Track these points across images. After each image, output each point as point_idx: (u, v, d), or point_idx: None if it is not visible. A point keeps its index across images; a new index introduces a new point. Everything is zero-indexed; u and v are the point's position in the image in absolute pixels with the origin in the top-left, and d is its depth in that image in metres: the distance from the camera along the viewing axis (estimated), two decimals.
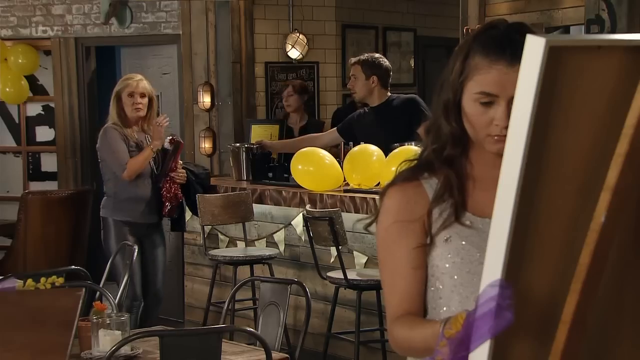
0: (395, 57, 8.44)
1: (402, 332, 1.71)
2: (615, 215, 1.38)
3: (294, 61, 7.45)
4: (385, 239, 1.78)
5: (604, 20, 5.51)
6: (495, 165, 1.78)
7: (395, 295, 1.75)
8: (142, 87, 5.08)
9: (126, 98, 5.04)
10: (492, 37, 1.71)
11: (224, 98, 6.93)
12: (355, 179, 4.90)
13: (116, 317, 3.07)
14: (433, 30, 8.49)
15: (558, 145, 1.38)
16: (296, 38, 7.45)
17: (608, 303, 1.47)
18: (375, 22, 8.13)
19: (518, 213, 1.36)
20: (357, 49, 7.86)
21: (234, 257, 4.98)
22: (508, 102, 1.68)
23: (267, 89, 7.38)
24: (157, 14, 7.30)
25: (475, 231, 1.74)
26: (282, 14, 7.46)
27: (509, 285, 1.37)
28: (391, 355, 4.65)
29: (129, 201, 5.04)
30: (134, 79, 5.13)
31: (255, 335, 2.70)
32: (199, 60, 7.05)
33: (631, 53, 1.39)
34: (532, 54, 1.32)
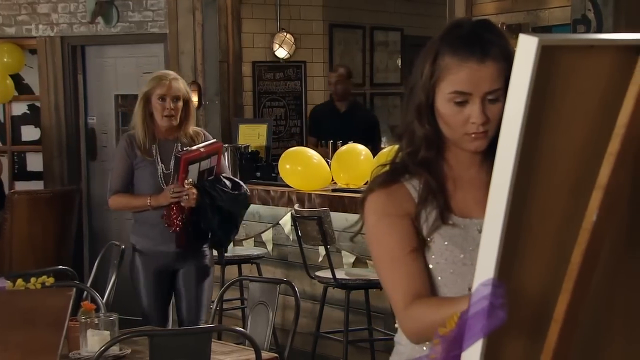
0: (382, 57, 8.46)
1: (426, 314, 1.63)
2: (607, 214, 1.38)
3: (281, 60, 7.45)
4: (376, 234, 1.77)
5: (590, 20, 5.53)
6: (471, 165, 1.80)
7: (400, 283, 1.70)
8: (175, 89, 4.03)
9: (156, 102, 4.02)
10: (459, 35, 1.71)
11: (211, 97, 6.92)
12: (343, 178, 4.91)
13: (104, 317, 3.06)
14: (420, 30, 8.49)
15: (550, 145, 1.39)
16: (283, 37, 7.45)
17: (599, 301, 1.48)
18: (363, 22, 8.14)
19: (510, 212, 1.36)
20: (345, 48, 7.87)
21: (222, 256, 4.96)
22: (482, 99, 1.69)
23: (254, 88, 7.37)
24: (143, 12, 7.28)
25: (458, 232, 1.75)
26: (270, 13, 7.46)
27: (502, 284, 1.37)
28: (379, 354, 4.65)
29: (145, 225, 4.09)
30: (167, 77, 4.07)
31: (245, 335, 2.69)
32: (186, 60, 7.04)
33: (623, 52, 1.39)
34: (524, 54, 1.32)
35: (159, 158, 4.04)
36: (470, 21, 1.76)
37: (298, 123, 7.51)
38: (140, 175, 4.06)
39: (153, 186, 4.03)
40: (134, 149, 4.04)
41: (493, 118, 1.70)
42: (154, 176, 4.03)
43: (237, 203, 4.07)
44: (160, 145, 4.06)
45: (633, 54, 1.38)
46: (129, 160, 4.05)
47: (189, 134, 4.10)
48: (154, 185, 4.03)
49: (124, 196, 4.09)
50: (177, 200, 3.92)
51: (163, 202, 3.95)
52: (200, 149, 3.99)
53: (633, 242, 1.50)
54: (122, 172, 4.08)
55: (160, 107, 4.00)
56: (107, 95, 7.41)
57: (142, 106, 4.05)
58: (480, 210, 1.76)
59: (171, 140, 4.07)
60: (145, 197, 4.01)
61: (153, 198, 3.99)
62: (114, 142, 7.27)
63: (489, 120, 1.70)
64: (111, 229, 7.23)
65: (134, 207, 4.08)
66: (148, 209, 4.00)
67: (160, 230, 4.00)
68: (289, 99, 7.47)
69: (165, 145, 4.07)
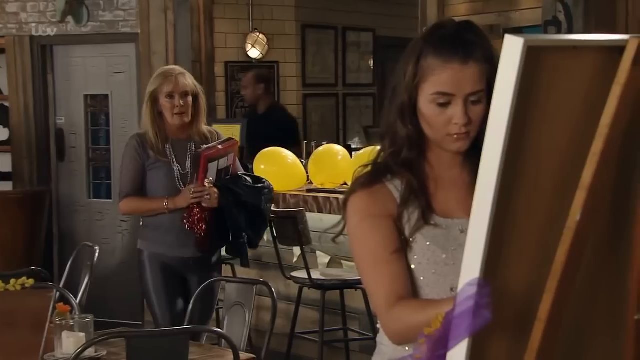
0: (355, 57, 8.48)
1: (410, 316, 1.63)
2: (591, 214, 1.40)
3: (254, 61, 7.45)
4: (359, 235, 1.77)
5: (560, 21, 5.58)
6: (453, 166, 1.81)
7: (384, 284, 1.70)
8: (183, 84, 3.79)
9: (164, 100, 3.77)
10: (442, 37, 1.72)
11: None
12: (320, 178, 4.91)
13: (79, 319, 3.03)
14: (392, 31, 8.53)
15: (535, 145, 1.40)
16: (256, 38, 7.45)
17: (582, 300, 1.49)
18: (335, 22, 8.16)
19: (496, 212, 1.37)
20: (317, 49, 7.89)
21: None
22: (464, 100, 1.70)
23: (227, 88, 7.36)
24: (114, 12, 7.23)
25: (440, 232, 1.75)
26: (242, 14, 7.45)
27: (488, 283, 1.38)
28: (354, 354, 4.66)
29: (158, 229, 3.83)
30: (173, 73, 3.81)
31: (224, 336, 2.68)
32: (158, 60, 6.99)
33: (605, 53, 1.41)
34: (510, 54, 1.33)
35: (173, 158, 3.80)
36: (453, 22, 1.77)
37: None
38: (154, 176, 3.80)
39: (169, 188, 3.79)
40: (146, 149, 3.80)
41: (475, 119, 1.72)
42: (169, 177, 3.79)
43: (262, 197, 3.90)
44: (174, 145, 3.83)
45: (615, 54, 1.39)
46: (140, 162, 3.80)
47: (203, 132, 3.88)
48: (170, 186, 3.79)
49: (137, 200, 3.82)
50: (197, 201, 3.70)
51: (182, 204, 3.72)
52: (217, 146, 3.79)
53: (614, 241, 1.52)
54: (133, 174, 3.82)
55: (170, 106, 3.76)
56: (76, 96, 7.34)
57: (150, 106, 3.79)
58: (462, 210, 1.78)
59: (184, 139, 3.85)
60: (161, 200, 3.75)
61: (170, 200, 3.74)
62: (84, 143, 7.21)
63: (471, 121, 1.72)
64: (80, 230, 7.18)
65: (149, 211, 3.81)
66: (164, 212, 3.76)
67: (176, 234, 3.77)
68: None
69: (178, 145, 3.84)
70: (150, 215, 3.81)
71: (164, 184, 3.79)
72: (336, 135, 8.12)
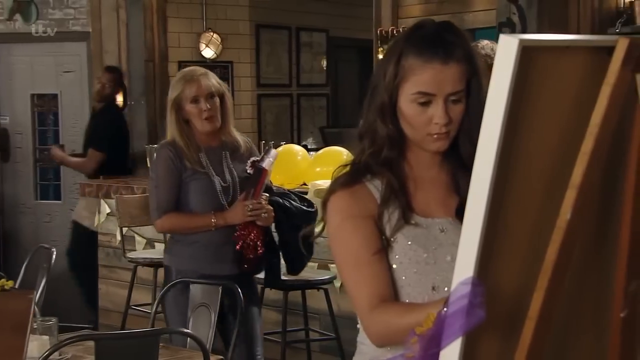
0: (308, 58, 8.48)
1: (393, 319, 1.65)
2: (581, 213, 1.41)
3: (208, 60, 7.40)
4: (339, 236, 1.77)
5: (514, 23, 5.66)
6: (432, 165, 1.82)
7: (365, 285, 1.71)
8: (207, 86, 3.41)
9: (190, 106, 3.40)
10: (423, 36, 1.73)
11: (136, 97, 6.83)
12: (280, 179, 4.89)
13: (42, 322, 2.96)
14: (345, 31, 8.56)
15: (527, 144, 1.41)
16: (210, 37, 7.40)
17: (569, 298, 1.50)
18: (289, 23, 8.16)
19: (489, 211, 1.38)
20: (271, 49, 7.87)
21: (154, 259, 4.89)
22: (445, 100, 1.71)
23: None
24: (64, 10, 7.13)
25: (421, 231, 1.76)
26: (196, 13, 7.40)
27: (481, 282, 1.38)
28: (316, 355, 4.66)
29: (193, 245, 3.46)
30: (195, 75, 3.45)
31: (194, 337, 2.65)
32: (110, 59, 6.92)
33: (595, 53, 1.42)
34: (504, 54, 1.33)
35: (211, 170, 3.44)
36: (433, 22, 1.78)
37: None
38: (195, 189, 3.41)
39: (211, 202, 3.42)
40: (182, 159, 3.39)
41: (455, 119, 1.73)
42: (211, 190, 3.42)
43: (310, 219, 3.41)
44: (207, 154, 3.46)
45: (605, 54, 1.41)
46: (177, 173, 3.39)
47: (235, 138, 3.52)
48: (212, 201, 3.42)
49: (179, 216, 3.42)
50: (253, 219, 3.37)
51: (235, 221, 3.37)
52: (269, 158, 3.43)
53: (601, 239, 1.54)
54: (171, 186, 3.40)
55: (197, 111, 3.39)
56: (21, 95, 7.21)
57: (175, 115, 3.42)
58: (441, 210, 1.79)
59: (216, 146, 3.49)
60: (208, 216, 3.38)
61: (219, 216, 3.38)
62: (30, 143, 7.10)
63: (452, 120, 1.73)
64: (27, 232, 7.07)
65: (194, 229, 3.41)
66: (209, 230, 3.41)
67: (214, 250, 3.43)
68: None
69: (212, 154, 3.47)
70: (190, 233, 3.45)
71: (206, 198, 3.42)
72: (290, 136, 8.12)
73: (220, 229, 3.39)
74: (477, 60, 1.77)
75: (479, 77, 1.75)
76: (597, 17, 5.60)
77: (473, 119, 1.72)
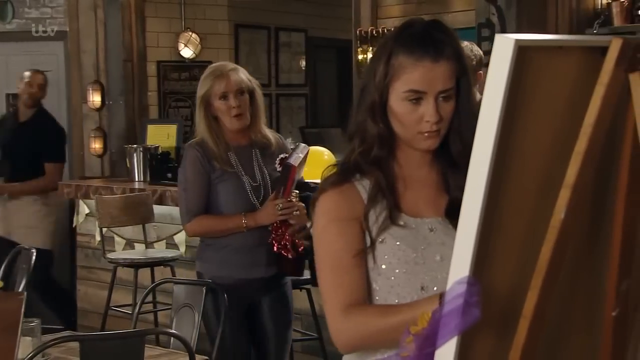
0: (287, 58, 8.48)
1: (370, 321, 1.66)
2: (575, 212, 1.42)
3: (187, 60, 7.38)
4: (323, 238, 1.77)
5: (494, 24, 5.67)
6: (422, 165, 1.82)
7: (343, 290, 1.71)
8: (236, 82, 3.27)
9: (219, 103, 3.26)
10: (412, 35, 1.73)
11: (115, 97, 6.78)
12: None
13: (25, 323, 2.94)
14: (324, 31, 8.56)
15: (522, 144, 1.41)
16: (189, 37, 7.38)
17: (563, 297, 1.51)
18: (268, 22, 8.14)
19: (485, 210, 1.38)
20: (250, 48, 7.86)
21: (134, 259, 4.87)
22: (435, 98, 1.71)
23: (159, 88, 7.27)
24: (41, 9, 7.07)
25: (409, 231, 1.76)
26: (174, 12, 7.37)
27: (477, 282, 1.39)
28: (297, 355, 4.65)
29: (224, 249, 3.33)
30: (224, 70, 3.30)
31: (179, 338, 2.64)
32: (88, 58, 6.87)
33: (589, 53, 1.43)
34: (500, 54, 1.34)
35: (240, 169, 3.32)
36: (422, 21, 1.79)
37: None
38: (224, 190, 3.29)
39: (242, 203, 3.29)
40: (210, 159, 3.28)
41: (445, 117, 1.73)
42: (241, 190, 3.29)
43: None
44: (237, 152, 3.34)
45: (598, 54, 1.42)
46: (206, 175, 3.28)
47: (265, 135, 3.39)
48: (243, 201, 3.29)
49: (209, 218, 3.29)
50: (285, 218, 3.25)
51: (265, 221, 3.25)
52: (299, 154, 3.30)
53: (594, 239, 1.55)
54: (200, 189, 3.29)
55: (225, 108, 3.24)
56: None
57: (204, 112, 3.28)
58: (431, 209, 1.79)
59: (246, 145, 3.36)
60: (238, 217, 3.26)
61: (250, 217, 3.26)
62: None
63: (442, 118, 1.73)
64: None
65: (225, 231, 3.28)
66: (241, 232, 3.28)
67: (247, 253, 3.30)
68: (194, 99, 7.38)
69: (241, 153, 3.35)
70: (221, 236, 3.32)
71: (236, 198, 3.29)
72: None
73: (252, 230, 3.26)
74: (466, 58, 1.78)
75: (468, 76, 1.76)
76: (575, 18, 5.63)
77: (463, 117, 1.73)
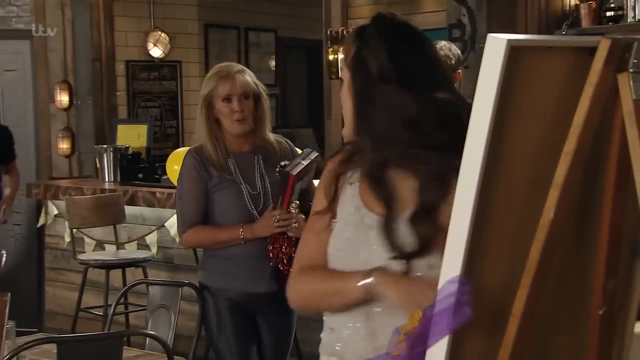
0: (257, 58, 8.46)
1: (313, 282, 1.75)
2: (564, 212, 1.43)
3: (156, 60, 7.33)
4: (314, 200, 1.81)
5: (464, 25, 5.71)
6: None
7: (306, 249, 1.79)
8: (242, 84, 3.09)
9: (221, 105, 3.08)
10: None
11: (83, 97, 6.70)
12: None
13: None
14: (293, 32, 8.55)
15: (511, 144, 1.42)
16: (158, 36, 7.33)
17: (551, 295, 1.52)
18: (237, 22, 8.12)
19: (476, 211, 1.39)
20: (220, 48, 7.82)
21: (106, 260, 4.82)
22: None
23: (128, 88, 7.21)
24: (7, 7, 6.98)
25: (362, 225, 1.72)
26: (143, 12, 7.32)
27: (468, 281, 1.39)
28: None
29: (227, 261, 3.13)
30: (230, 72, 3.12)
31: (159, 339, 2.62)
32: (55, 58, 6.79)
33: (578, 53, 1.44)
34: (492, 53, 1.34)
35: (239, 176, 3.12)
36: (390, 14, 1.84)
37: (174, 124, 7.40)
38: (221, 199, 3.11)
39: (239, 213, 3.09)
40: (207, 167, 3.10)
41: None
42: (239, 199, 3.10)
43: None
44: (236, 159, 3.14)
45: (587, 55, 1.43)
46: (203, 183, 3.10)
47: (269, 141, 3.18)
48: (240, 211, 3.10)
49: (205, 229, 3.11)
50: (283, 231, 3.03)
51: (263, 233, 3.05)
52: (301, 161, 3.07)
53: (581, 238, 1.56)
54: (197, 198, 3.10)
55: (228, 111, 3.07)
56: None
57: (205, 113, 3.09)
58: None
59: (247, 151, 3.16)
60: (236, 228, 3.06)
61: (247, 228, 3.05)
62: None
63: None
64: None
65: (222, 243, 3.10)
66: (239, 243, 3.08)
67: (250, 266, 3.09)
68: (164, 99, 7.36)
69: (241, 159, 3.15)
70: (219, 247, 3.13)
71: (233, 208, 3.11)
72: None
73: (254, 241, 3.06)
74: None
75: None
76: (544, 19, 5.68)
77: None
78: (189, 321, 4.31)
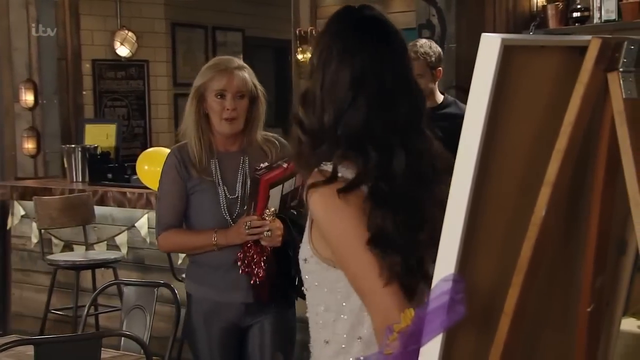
0: None
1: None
2: (555, 209, 1.44)
3: (123, 59, 7.26)
4: None
5: (434, 25, 5.74)
6: None
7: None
8: (239, 82, 2.90)
9: (213, 100, 2.90)
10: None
11: (48, 96, 6.62)
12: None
13: None
14: (261, 31, 8.53)
15: (504, 143, 1.43)
16: (125, 35, 7.27)
17: (540, 293, 1.53)
18: (205, 22, 8.08)
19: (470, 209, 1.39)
20: (187, 47, 7.78)
21: (76, 261, 4.77)
22: None
23: (94, 87, 7.14)
24: None
25: None
26: (109, 10, 7.25)
27: (462, 279, 1.39)
28: None
29: (204, 267, 2.97)
30: (229, 66, 2.92)
31: (137, 340, 2.60)
32: (20, 56, 6.70)
33: (569, 53, 1.45)
34: (486, 53, 1.35)
35: (219, 178, 2.94)
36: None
37: (141, 123, 7.35)
38: (198, 202, 2.95)
39: (212, 217, 2.93)
40: (187, 167, 2.94)
41: None
42: (214, 203, 2.93)
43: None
44: (221, 159, 2.96)
45: (577, 54, 1.44)
46: (181, 183, 2.94)
47: (258, 142, 2.99)
48: (213, 215, 2.93)
49: (178, 233, 2.96)
50: (254, 239, 2.83)
51: (235, 241, 2.85)
52: (281, 164, 2.84)
53: (569, 235, 1.57)
54: (174, 199, 2.94)
55: (219, 107, 2.87)
56: None
57: (195, 105, 2.91)
58: None
59: (234, 152, 2.98)
60: (209, 233, 2.88)
61: (221, 234, 2.87)
62: None
63: None
64: None
65: (194, 248, 2.95)
66: (213, 249, 2.90)
67: (224, 274, 2.91)
68: (131, 98, 7.29)
69: (226, 160, 2.97)
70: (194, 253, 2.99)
71: (207, 212, 2.94)
72: None
73: (229, 249, 2.88)
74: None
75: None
76: (511, 20, 5.73)
77: None
78: (161, 322, 4.28)
